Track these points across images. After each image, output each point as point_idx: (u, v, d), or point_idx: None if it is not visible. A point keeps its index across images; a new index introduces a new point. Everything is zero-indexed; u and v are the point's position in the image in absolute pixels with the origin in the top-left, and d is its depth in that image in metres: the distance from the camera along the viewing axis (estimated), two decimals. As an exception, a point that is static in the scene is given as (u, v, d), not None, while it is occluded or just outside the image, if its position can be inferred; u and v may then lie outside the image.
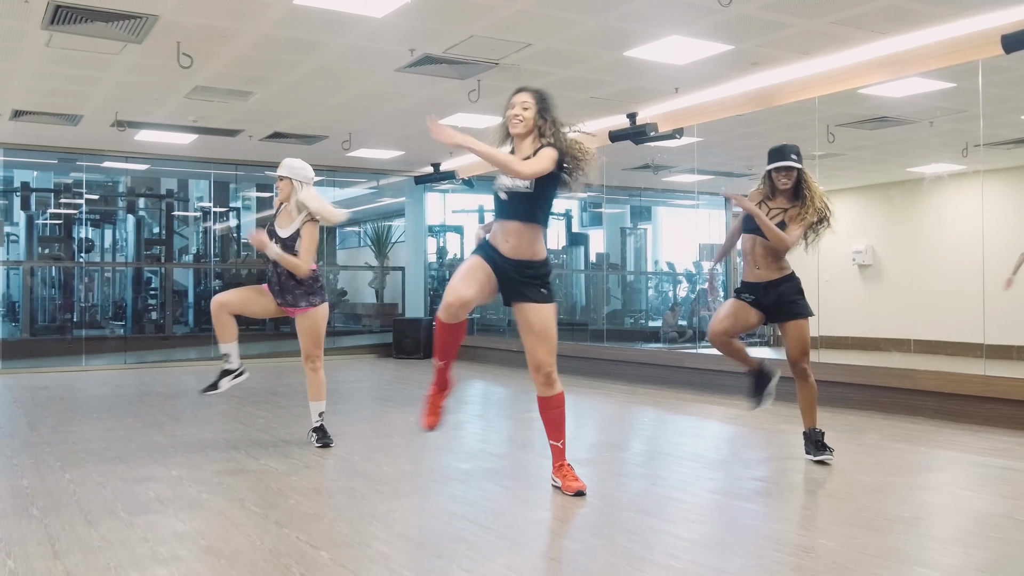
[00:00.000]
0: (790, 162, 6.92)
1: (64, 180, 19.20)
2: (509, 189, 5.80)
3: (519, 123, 5.87)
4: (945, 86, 10.57)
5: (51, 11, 8.34)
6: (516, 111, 5.89)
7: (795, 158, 6.93)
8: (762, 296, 7.02)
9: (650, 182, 18.25)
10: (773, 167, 7.00)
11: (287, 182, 7.69)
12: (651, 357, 13.88)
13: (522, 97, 5.94)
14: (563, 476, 6.03)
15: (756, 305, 7.05)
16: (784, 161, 6.94)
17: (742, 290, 7.15)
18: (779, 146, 7.05)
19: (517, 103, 5.92)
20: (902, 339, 15.98)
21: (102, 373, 15.00)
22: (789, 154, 6.94)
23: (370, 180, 19.89)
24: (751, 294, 7.06)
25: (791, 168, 6.93)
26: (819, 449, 7.04)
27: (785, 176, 6.95)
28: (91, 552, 4.66)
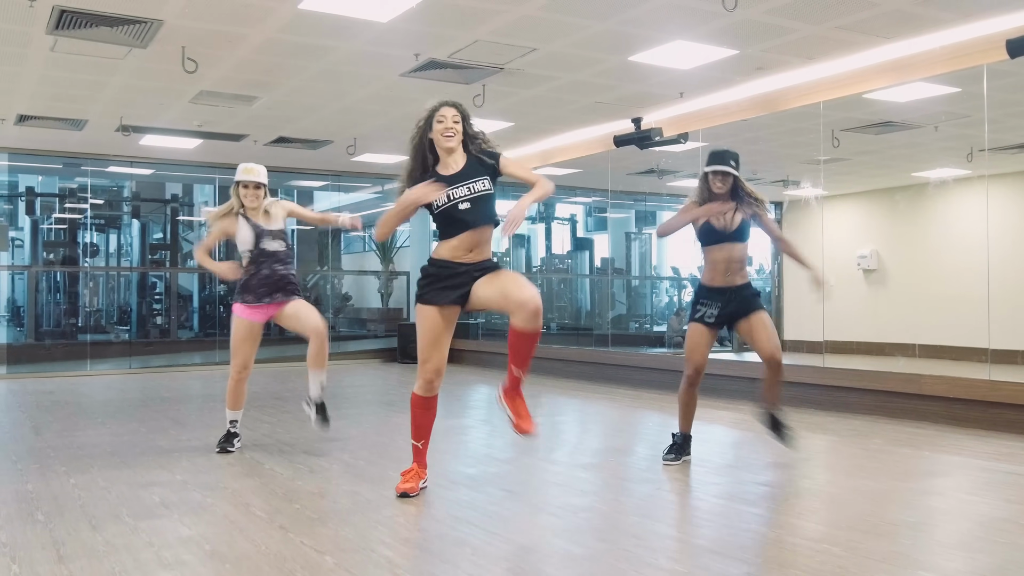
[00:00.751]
0: (728, 168, 6.95)
1: (69, 185, 19.22)
2: (471, 196, 5.77)
3: (452, 136, 5.86)
4: (950, 91, 10.57)
5: (56, 16, 8.36)
6: (447, 124, 5.87)
7: (733, 164, 6.98)
8: (727, 303, 7.03)
9: (655, 187, 18.25)
10: (711, 169, 7.02)
11: (263, 189, 7.69)
12: (656, 362, 13.87)
13: (451, 112, 5.91)
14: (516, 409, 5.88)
15: (716, 321, 7.08)
16: (723, 165, 6.96)
17: (704, 301, 7.12)
18: (720, 150, 7.11)
19: (447, 117, 5.89)
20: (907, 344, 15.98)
21: (107, 378, 15.01)
22: (728, 160, 6.99)
23: (375, 185, 19.91)
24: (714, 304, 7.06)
25: (728, 174, 6.96)
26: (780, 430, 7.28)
27: (721, 181, 6.99)
28: (96, 557, 4.66)
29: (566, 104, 11.97)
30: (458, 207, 5.76)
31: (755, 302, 7.10)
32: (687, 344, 7.21)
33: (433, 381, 5.95)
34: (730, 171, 6.96)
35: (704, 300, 7.13)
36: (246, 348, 7.69)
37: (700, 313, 7.12)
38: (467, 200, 5.76)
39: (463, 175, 5.83)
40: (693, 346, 7.15)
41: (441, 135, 5.87)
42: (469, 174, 5.83)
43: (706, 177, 7.07)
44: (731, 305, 7.04)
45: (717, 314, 7.05)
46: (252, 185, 7.63)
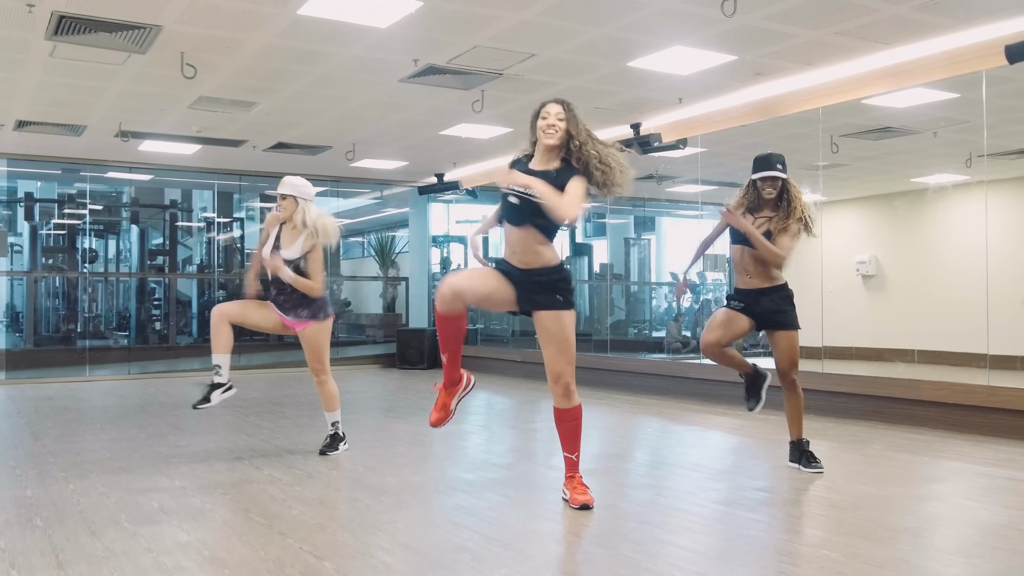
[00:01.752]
0: (776, 172, 6.93)
1: (68, 190, 19.21)
2: (522, 194, 5.71)
3: (553, 134, 5.81)
4: (949, 96, 10.57)
5: (55, 22, 8.36)
6: (551, 121, 5.82)
7: (780, 167, 6.95)
8: (753, 303, 7.04)
9: (654, 192, 18.26)
10: (759, 176, 7.01)
11: (291, 200, 7.65)
12: (655, 367, 13.87)
13: (555, 108, 5.86)
14: (572, 488, 6.00)
15: (746, 312, 7.07)
16: (770, 171, 6.95)
17: (733, 297, 7.17)
18: (765, 155, 7.09)
19: (551, 114, 5.84)
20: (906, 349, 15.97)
21: (106, 383, 15.01)
22: (775, 163, 6.97)
23: (374, 190, 19.91)
24: (742, 301, 7.08)
25: (776, 178, 6.94)
26: (810, 460, 7.11)
27: (771, 185, 6.97)
28: (95, 563, 4.66)
29: (565, 110, 11.97)
30: (507, 199, 5.80)
31: (785, 316, 7.08)
32: (712, 319, 7.22)
33: (448, 298, 5.79)
34: (779, 175, 6.95)
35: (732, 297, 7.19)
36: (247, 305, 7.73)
37: (729, 303, 7.18)
38: (516, 196, 5.74)
39: (543, 174, 5.77)
40: (711, 325, 7.15)
41: (543, 131, 5.85)
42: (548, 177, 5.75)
43: (754, 184, 7.05)
44: (758, 307, 7.04)
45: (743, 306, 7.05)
46: (280, 196, 7.73)
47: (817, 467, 7.04)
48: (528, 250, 5.80)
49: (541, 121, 5.87)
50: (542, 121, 5.86)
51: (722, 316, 7.14)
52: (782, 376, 7.07)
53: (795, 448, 7.22)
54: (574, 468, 6.07)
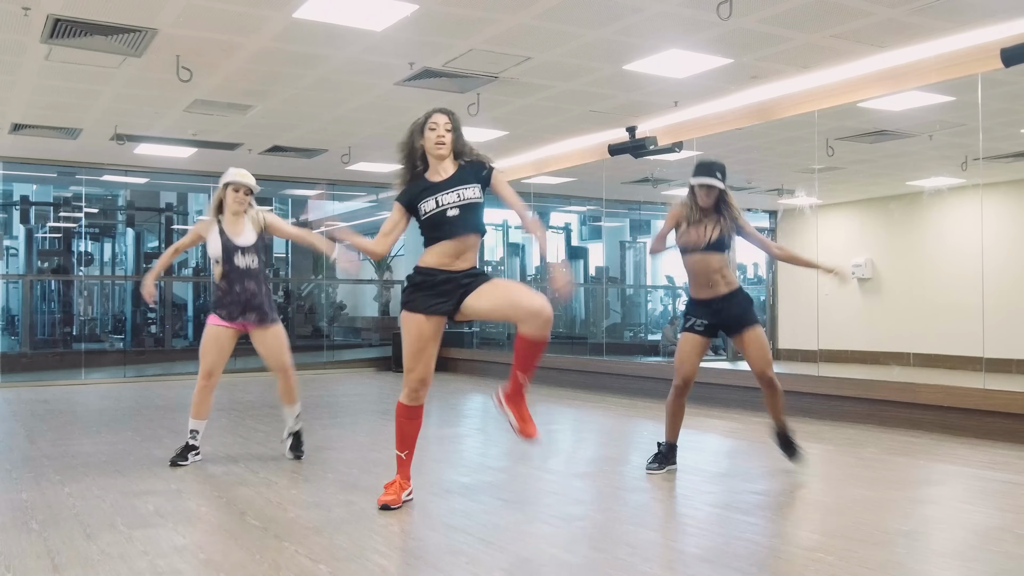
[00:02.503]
0: (713, 180, 6.93)
1: (63, 194, 19.24)
2: (460, 203, 5.74)
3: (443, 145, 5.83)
4: (944, 100, 10.59)
5: (51, 25, 8.35)
6: (440, 132, 5.84)
7: (719, 176, 6.94)
8: (716, 312, 7.00)
9: (650, 196, 18.26)
10: (697, 182, 6.99)
11: (251, 197, 7.59)
12: (650, 371, 13.88)
13: (443, 119, 5.88)
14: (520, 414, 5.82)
15: (707, 330, 7.06)
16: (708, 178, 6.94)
17: (693, 314, 7.09)
18: (707, 161, 7.07)
19: (440, 124, 5.86)
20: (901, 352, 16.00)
21: (101, 387, 14.98)
22: (715, 172, 6.95)
23: (369, 193, 19.91)
24: (703, 316, 7.03)
25: (712, 187, 6.94)
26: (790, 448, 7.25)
27: (707, 193, 6.96)
28: (90, 566, 4.66)
29: (561, 113, 11.98)
30: (446, 214, 5.73)
31: (748, 315, 7.05)
32: (677, 354, 7.19)
33: (418, 391, 5.88)
34: (715, 184, 6.94)
35: (691, 312, 7.12)
36: (212, 354, 7.51)
37: (690, 323, 7.11)
38: (456, 207, 5.72)
39: (453, 181, 5.80)
40: (683, 356, 7.12)
41: (433, 143, 5.83)
42: (459, 180, 5.80)
43: (692, 189, 7.05)
44: (721, 315, 7.01)
45: (707, 323, 7.04)
46: (243, 189, 7.52)
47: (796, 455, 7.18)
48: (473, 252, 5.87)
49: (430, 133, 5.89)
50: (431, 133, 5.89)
51: (692, 343, 7.10)
52: (760, 377, 7.04)
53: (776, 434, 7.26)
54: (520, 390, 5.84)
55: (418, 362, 5.83)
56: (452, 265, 5.78)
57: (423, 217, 5.80)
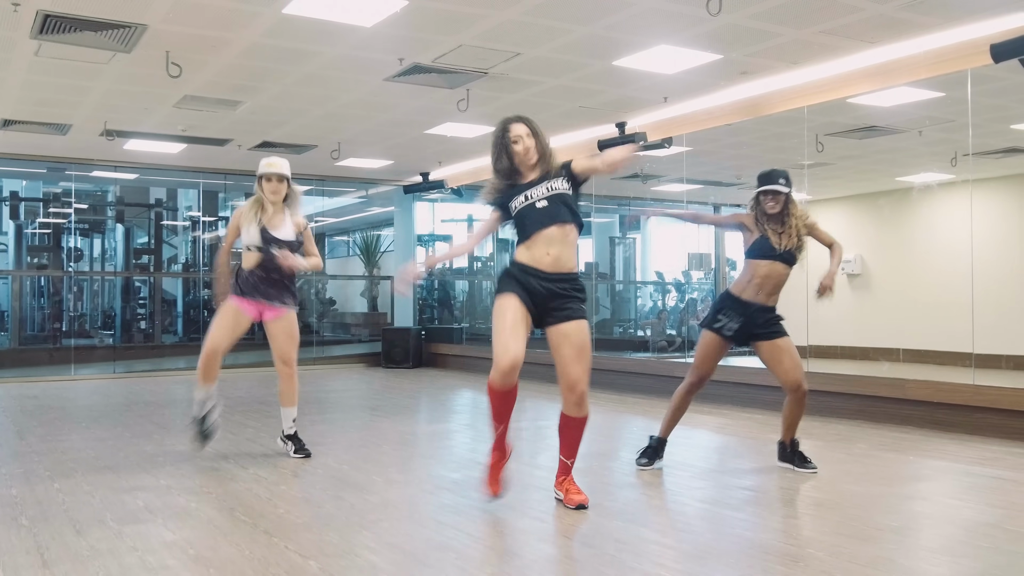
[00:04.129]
0: (778, 186, 6.93)
1: (53, 189, 19.18)
2: (548, 194, 5.80)
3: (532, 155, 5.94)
4: (934, 95, 10.60)
5: (40, 20, 8.33)
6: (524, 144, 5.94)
7: (783, 182, 6.95)
8: (750, 318, 6.97)
9: (639, 191, 18.28)
10: (761, 190, 7.00)
11: (286, 183, 7.58)
12: (640, 367, 13.87)
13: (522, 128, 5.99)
14: (566, 490, 5.97)
15: (734, 336, 7.03)
16: (773, 185, 6.95)
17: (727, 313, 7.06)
18: (768, 171, 7.09)
19: (522, 136, 5.96)
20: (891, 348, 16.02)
21: (91, 382, 14.97)
22: (777, 179, 6.96)
23: (359, 189, 19.90)
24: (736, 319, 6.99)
25: (779, 192, 6.94)
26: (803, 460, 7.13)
27: (772, 200, 6.95)
28: (80, 561, 4.65)
29: (550, 108, 11.97)
30: (535, 205, 5.78)
31: (780, 327, 7.04)
32: (698, 352, 7.14)
33: (512, 375, 5.69)
34: (780, 189, 6.95)
35: (726, 310, 7.06)
36: (221, 329, 7.48)
37: (720, 324, 7.04)
38: (544, 199, 5.79)
39: (541, 180, 5.88)
40: (704, 355, 7.09)
41: (523, 155, 5.93)
42: (546, 179, 5.88)
43: (758, 199, 7.04)
44: (754, 320, 6.98)
45: (737, 328, 7.00)
46: (275, 178, 7.55)
47: (811, 467, 7.05)
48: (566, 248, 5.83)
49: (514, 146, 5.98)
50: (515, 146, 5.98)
51: (715, 345, 7.08)
52: (795, 387, 6.96)
53: (786, 448, 7.21)
54: (567, 472, 6.05)
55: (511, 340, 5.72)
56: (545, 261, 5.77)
57: (514, 213, 5.88)
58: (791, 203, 7.06)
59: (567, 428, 6.02)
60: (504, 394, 5.82)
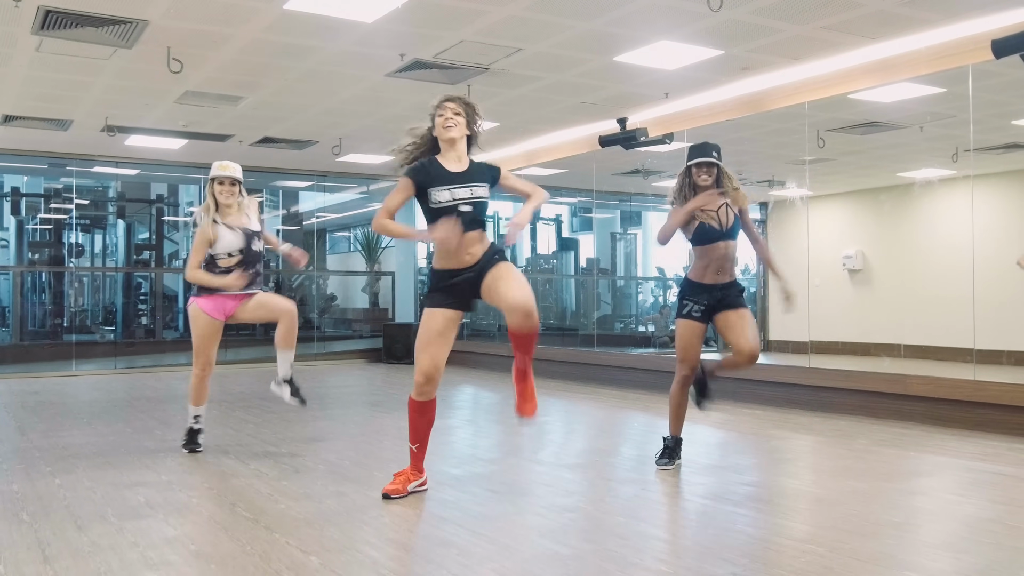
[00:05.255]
0: (711, 158, 6.93)
1: (54, 185, 19.19)
2: (473, 199, 5.76)
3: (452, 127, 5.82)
4: (935, 91, 10.59)
5: (41, 16, 8.34)
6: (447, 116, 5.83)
7: (716, 155, 6.95)
8: (713, 298, 6.96)
9: (640, 187, 18.27)
10: (694, 163, 6.98)
11: (239, 186, 7.61)
12: (641, 362, 13.89)
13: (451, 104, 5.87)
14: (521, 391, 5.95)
15: (703, 315, 7.02)
16: (706, 157, 6.94)
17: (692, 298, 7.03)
18: (700, 143, 7.08)
19: (448, 109, 5.85)
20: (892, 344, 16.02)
21: (92, 378, 14.97)
22: (710, 151, 6.96)
23: (360, 185, 19.90)
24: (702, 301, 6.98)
25: (712, 164, 6.93)
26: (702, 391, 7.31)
27: (707, 172, 6.94)
28: (81, 557, 4.65)
29: (551, 104, 11.97)
30: (459, 208, 5.72)
31: (740, 299, 7.04)
32: (679, 344, 7.12)
33: (423, 385, 5.87)
34: (715, 161, 6.93)
35: (690, 296, 7.05)
36: (210, 347, 7.57)
37: (687, 308, 7.06)
38: (469, 203, 5.73)
39: (467, 176, 5.82)
40: (686, 345, 7.06)
41: (441, 126, 5.82)
42: (472, 177, 5.82)
43: (689, 172, 7.02)
44: (721, 301, 6.98)
45: (704, 308, 7.00)
46: (228, 181, 7.51)
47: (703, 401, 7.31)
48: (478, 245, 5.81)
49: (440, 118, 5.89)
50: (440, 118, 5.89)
51: (691, 330, 7.03)
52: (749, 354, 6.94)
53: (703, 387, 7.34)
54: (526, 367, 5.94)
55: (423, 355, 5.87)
56: (466, 261, 5.78)
57: (434, 207, 5.79)
58: (724, 176, 7.03)
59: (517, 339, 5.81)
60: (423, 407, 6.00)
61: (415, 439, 6.09)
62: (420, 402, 5.97)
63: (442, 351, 5.90)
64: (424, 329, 5.88)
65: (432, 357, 5.86)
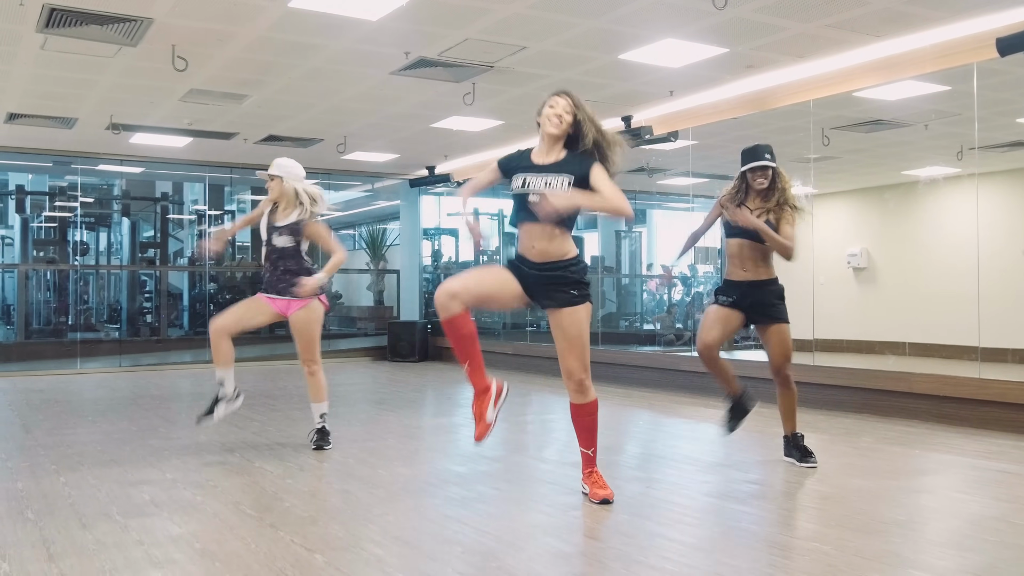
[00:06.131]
0: (765, 161, 6.91)
1: (59, 183, 19.20)
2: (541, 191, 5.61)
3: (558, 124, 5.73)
4: (940, 89, 10.58)
5: (46, 14, 8.34)
6: (557, 111, 5.74)
7: (769, 157, 6.93)
8: (743, 296, 6.96)
9: (645, 185, 18.23)
10: (749, 167, 6.98)
11: (278, 181, 7.64)
12: (646, 360, 13.87)
13: (564, 101, 5.78)
14: (592, 483, 5.97)
15: (735, 306, 7.02)
16: (760, 161, 6.93)
17: (722, 291, 7.10)
18: (752, 146, 7.06)
19: (559, 104, 5.76)
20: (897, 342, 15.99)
21: (97, 376, 14.99)
22: (763, 154, 6.94)
23: (365, 183, 19.91)
24: (731, 295, 7.01)
25: (767, 167, 6.92)
26: (805, 455, 7.09)
27: (761, 175, 6.94)
28: (86, 555, 4.66)
29: (556, 102, 11.96)
30: (527, 198, 5.65)
31: (776, 309, 6.99)
32: (702, 322, 7.13)
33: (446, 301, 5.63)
34: (769, 164, 6.93)
35: (720, 291, 7.11)
36: (240, 311, 7.64)
37: (717, 298, 7.11)
38: (538, 194, 5.61)
39: (551, 168, 5.73)
40: (706, 324, 7.05)
41: (547, 119, 5.74)
42: (558, 169, 5.72)
43: (744, 176, 7.02)
44: (749, 298, 6.98)
45: (733, 301, 6.99)
46: (268, 177, 7.75)
47: (812, 461, 7.03)
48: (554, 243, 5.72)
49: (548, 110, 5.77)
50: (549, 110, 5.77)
51: (715, 313, 7.08)
52: (777, 372, 7.03)
53: (789, 443, 7.20)
54: (591, 463, 6.03)
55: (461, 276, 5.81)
56: (531, 253, 5.73)
57: (512, 194, 5.79)
58: (779, 176, 7.02)
59: (577, 417, 6.05)
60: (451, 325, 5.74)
61: (462, 357, 5.88)
62: (446, 319, 5.71)
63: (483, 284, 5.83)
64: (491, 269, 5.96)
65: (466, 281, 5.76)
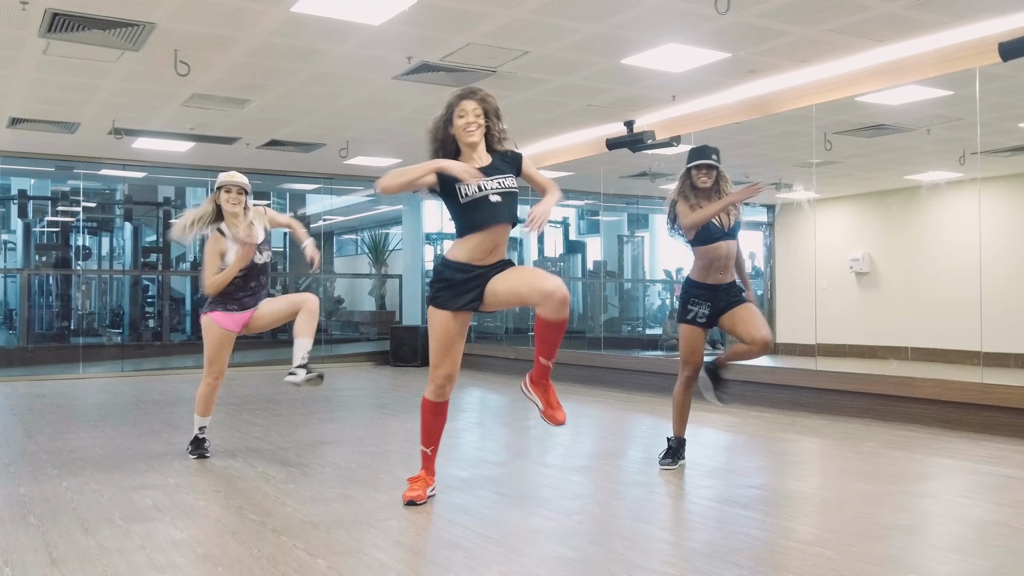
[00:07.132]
0: (711, 161, 6.98)
1: (61, 188, 19.21)
2: (502, 190, 5.64)
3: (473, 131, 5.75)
4: (942, 94, 10.58)
5: (48, 19, 8.35)
6: (468, 119, 5.74)
7: (715, 158, 7.02)
8: (717, 300, 7.02)
9: (647, 190, 18.25)
10: (694, 165, 7.03)
11: (245, 196, 7.58)
12: (648, 365, 13.87)
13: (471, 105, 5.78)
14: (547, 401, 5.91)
15: (708, 321, 7.06)
16: (706, 159, 6.99)
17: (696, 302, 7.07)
18: (701, 146, 7.19)
19: (468, 111, 5.76)
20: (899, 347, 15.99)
21: (99, 381, 14.99)
22: (710, 154, 7.03)
23: (367, 188, 19.90)
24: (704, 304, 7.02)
25: (712, 167, 6.98)
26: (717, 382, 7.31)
27: (706, 175, 7.00)
28: (88, 560, 4.66)
29: (558, 107, 11.97)
30: (489, 199, 5.60)
31: (740, 296, 7.10)
32: (684, 346, 7.15)
33: (444, 387, 5.87)
34: (714, 164, 6.99)
35: (695, 299, 7.07)
36: (223, 357, 7.55)
37: (692, 314, 7.07)
38: (498, 193, 5.61)
39: (493, 169, 5.72)
40: (691, 348, 7.10)
41: (463, 130, 5.74)
42: (498, 169, 5.73)
43: (688, 173, 7.08)
44: (719, 302, 7.02)
45: (708, 313, 7.03)
46: (235, 189, 7.48)
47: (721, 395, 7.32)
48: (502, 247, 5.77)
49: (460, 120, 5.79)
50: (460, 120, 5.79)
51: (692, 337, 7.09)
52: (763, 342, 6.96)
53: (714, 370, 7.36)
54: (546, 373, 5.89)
55: (444, 358, 5.81)
56: (485, 259, 5.68)
57: (464, 201, 5.65)
58: (723, 178, 7.08)
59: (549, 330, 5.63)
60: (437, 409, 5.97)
61: (428, 441, 6.04)
62: (435, 403, 5.94)
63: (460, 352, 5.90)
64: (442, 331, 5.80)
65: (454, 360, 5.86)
